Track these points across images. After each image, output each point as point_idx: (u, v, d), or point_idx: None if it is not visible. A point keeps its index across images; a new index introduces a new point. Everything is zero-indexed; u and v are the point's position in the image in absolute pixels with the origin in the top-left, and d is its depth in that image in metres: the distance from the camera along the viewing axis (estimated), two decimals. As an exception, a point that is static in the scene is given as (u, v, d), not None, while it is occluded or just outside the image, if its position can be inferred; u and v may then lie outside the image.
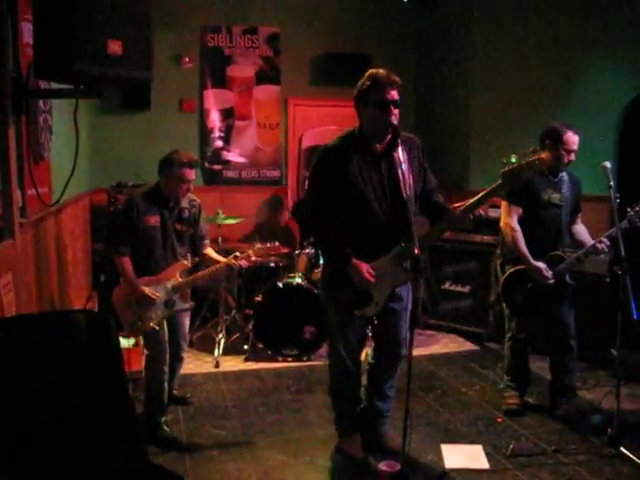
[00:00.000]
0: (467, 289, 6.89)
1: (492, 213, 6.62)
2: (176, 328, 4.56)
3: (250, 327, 6.11)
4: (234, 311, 6.49)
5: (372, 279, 3.70)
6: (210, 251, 4.73)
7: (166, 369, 4.39)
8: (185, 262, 4.50)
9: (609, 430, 4.24)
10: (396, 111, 3.68)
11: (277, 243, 4.80)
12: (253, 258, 4.57)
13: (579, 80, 6.68)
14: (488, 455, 4.13)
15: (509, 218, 4.62)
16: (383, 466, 3.74)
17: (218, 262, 4.60)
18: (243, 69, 7.73)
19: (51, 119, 3.85)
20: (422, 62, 8.34)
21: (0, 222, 2.90)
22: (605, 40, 6.47)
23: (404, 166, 3.65)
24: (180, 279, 4.43)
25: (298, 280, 5.92)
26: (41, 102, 3.47)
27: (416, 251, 3.29)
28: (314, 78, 8.00)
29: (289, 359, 5.90)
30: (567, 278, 4.74)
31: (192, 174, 4.36)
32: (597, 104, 6.51)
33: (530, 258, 4.56)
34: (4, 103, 2.84)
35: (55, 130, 4.22)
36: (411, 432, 3.36)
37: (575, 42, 6.66)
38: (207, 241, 4.73)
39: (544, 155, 4.46)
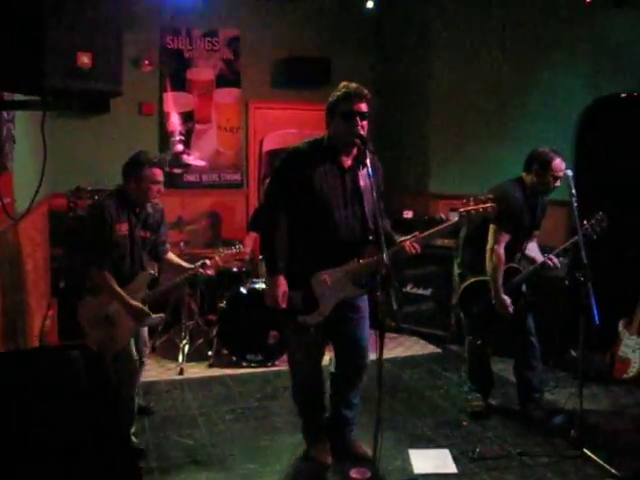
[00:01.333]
0: (428, 292, 6.97)
1: (454, 217, 6.68)
2: (136, 334, 4.37)
3: (214, 333, 6.08)
4: (197, 316, 6.45)
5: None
6: (172, 256, 4.61)
7: (137, 388, 4.31)
8: (151, 272, 4.35)
9: (572, 432, 4.32)
10: (363, 123, 3.70)
11: (241, 246, 4.82)
12: (221, 264, 4.58)
13: (536, 85, 6.77)
14: (455, 459, 4.18)
15: (497, 245, 4.64)
16: (354, 473, 3.77)
17: (181, 266, 4.51)
18: (203, 72, 7.67)
19: (14, 128, 3.78)
20: (382, 66, 8.36)
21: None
22: (561, 44, 6.56)
23: (368, 183, 3.71)
24: (147, 291, 4.28)
25: (262, 285, 5.91)
26: (4, 112, 3.40)
27: (386, 261, 3.31)
28: (275, 81, 7.98)
29: (254, 365, 5.88)
30: (523, 287, 4.84)
31: (161, 174, 4.19)
32: (554, 109, 6.61)
33: (501, 290, 4.64)
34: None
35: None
36: (382, 439, 3.38)
37: (531, 46, 6.75)
38: (168, 245, 4.60)
39: (529, 179, 4.71)
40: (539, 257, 4.87)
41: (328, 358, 4.30)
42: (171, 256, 4.60)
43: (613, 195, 6.37)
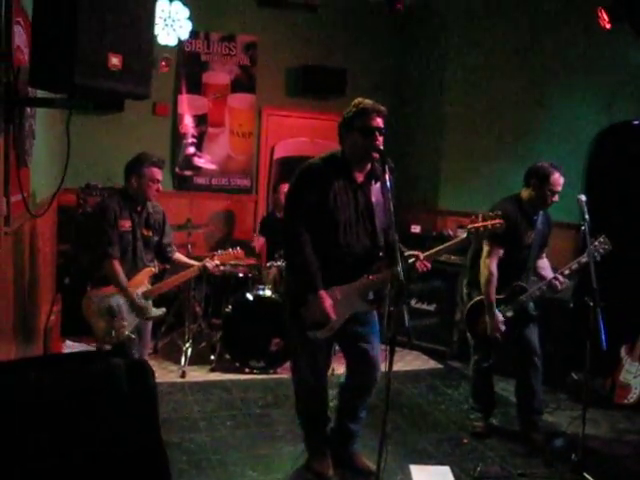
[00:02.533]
0: (432, 307, 6.97)
1: (462, 234, 6.70)
2: (139, 334, 4.55)
3: (217, 337, 6.08)
4: (201, 320, 6.45)
5: (333, 317, 3.72)
6: (179, 255, 4.83)
7: None
8: (152, 268, 4.56)
9: (573, 455, 4.32)
10: (381, 139, 3.72)
11: (239, 249, 5.01)
12: (217, 262, 4.79)
13: (550, 107, 6.79)
14: (456, 477, 4.16)
15: (489, 260, 4.65)
16: (356, 487, 3.76)
17: (188, 265, 4.73)
18: (219, 76, 7.69)
19: (35, 124, 3.79)
20: (398, 79, 8.38)
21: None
22: (578, 69, 6.58)
23: (380, 198, 3.79)
24: (149, 285, 4.49)
25: (268, 292, 5.92)
26: (28, 108, 3.41)
27: (401, 278, 3.32)
28: (289, 89, 8.01)
29: (256, 371, 5.88)
30: (530, 307, 4.82)
31: (160, 174, 4.44)
32: (569, 133, 6.63)
33: (494, 306, 4.65)
34: (-4, 110, 2.79)
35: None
36: (387, 455, 3.37)
37: (548, 69, 6.77)
38: (174, 247, 4.81)
39: (527, 193, 4.72)
40: (549, 275, 4.84)
41: (331, 370, 4.29)
42: (178, 256, 4.82)
43: (619, 221, 6.40)
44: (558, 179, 4.65)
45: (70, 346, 6.03)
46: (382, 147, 3.70)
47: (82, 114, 7.05)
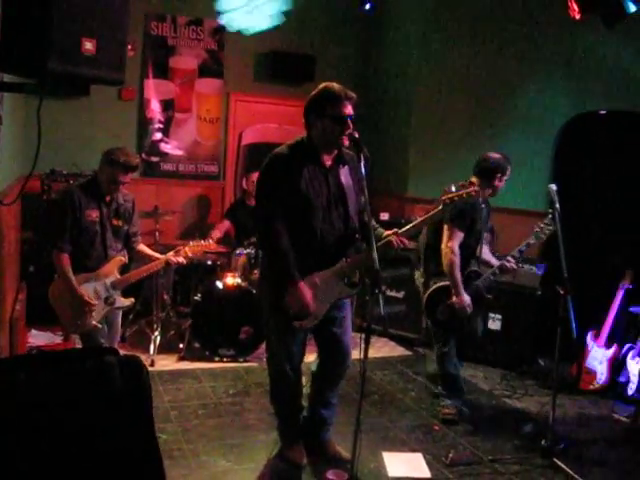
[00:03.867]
0: (401, 294, 6.98)
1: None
2: (109, 324, 4.55)
3: (186, 325, 6.03)
4: (169, 308, 6.38)
5: (313, 308, 3.71)
6: (143, 247, 4.76)
7: None
8: (122, 258, 4.52)
9: (543, 441, 4.39)
10: (351, 125, 3.70)
11: (212, 241, 5.10)
12: (190, 254, 4.75)
13: (519, 96, 6.84)
14: (428, 463, 4.21)
15: (452, 242, 4.69)
16: (330, 475, 3.76)
17: (152, 258, 4.67)
18: (186, 60, 7.57)
19: (2, 109, 3.69)
20: (365, 66, 8.35)
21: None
22: (548, 59, 6.63)
23: (349, 181, 3.82)
24: (118, 275, 4.46)
25: (238, 280, 5.88)
26: (-4, 93, 3.33)
27: (376, 266, 3.32)
28: (258, 75, 7.93)
29: (225, 359, 5.85)
30: (484, 291, 4.90)
31: (126, 177, 4.33)
32: (536, 121, 6.69)
33: (462, 287, 4.70)
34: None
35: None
36: (361, 442, 3.38)
37: (515, 59, 6.81)
38: (139, 237, 4.74)
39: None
40: (494, 261, 4.98)
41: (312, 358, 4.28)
42: (142, 247, 4.76)
43: (587, 208, 6.50)
44: (509, 171, 4.86)
45: (35, 335, 5.94)
46: (356, 134, 3.67)
47: (47, 98, 6.90)
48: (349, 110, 3.69)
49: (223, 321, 5.83)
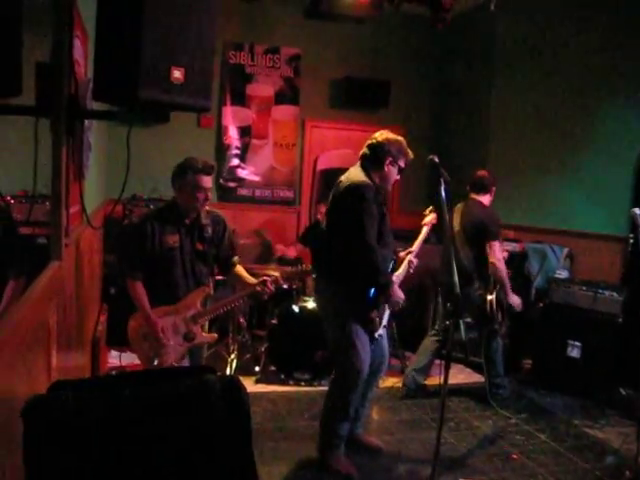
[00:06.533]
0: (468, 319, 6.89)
1: (506, 247, 6.68)
2: (192, 358, 4.20)
3: (262, 349, 6.08)
4: (245, 331, 6.45)
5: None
6: (240, 269, 4.37)
7: None
8: (206, 289, 4.18)
9: (627, 473, 4.25)
10: None
11: (304, 266, 4.68)
12: (282, 283, 4.41)
13: (598, 121, 6.70)
14: (507, 494, 4.12)
15: (499, 253, 5.35)
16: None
17: (245, 282, 4.30)
18: (263, 88, 7.74)
19: (92, 137, 3.83)
20: (441, 91, 8.35)
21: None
22: (625, 84, 6.51)
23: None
24: (200, 308, 4.11)
25: (313, 304, 5.90)
26: (86, 120, 3.45)
27: (456, 291, 3.33)
28: (332, 101, 8.04)
29: (301, 383, 5.87)
30: None
31: (208, 181, 3.99)
32: (617, 145, 6.55)
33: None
34: (59, 123, 2.82)
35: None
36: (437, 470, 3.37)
37: (597, 82, 6.70)
38: (236, 257, 4.36)
39: (489, 199, 5.61)
40: None
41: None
42: (240, 270, 4.37)
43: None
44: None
45: (115, 356, 6.07)
46: (436, 158, 3.97)
47: (128, 125, 7.12)
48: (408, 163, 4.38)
49: (299, 345, 5.86)
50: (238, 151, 7.71)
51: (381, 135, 4.30)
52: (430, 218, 4.82)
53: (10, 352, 1.86)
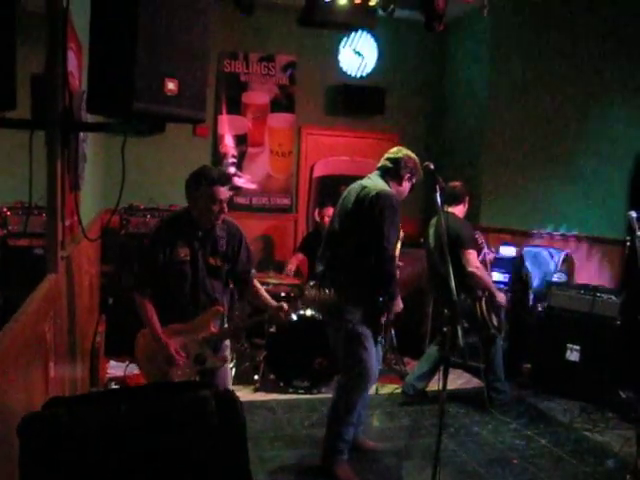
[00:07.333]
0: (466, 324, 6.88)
1: (503, 251, 6.71)
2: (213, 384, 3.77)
3: (261, 357, 6.08)
4: (244, 340, 6.44)
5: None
6: (258, 286, 4.09)
7: None
8: (220, 308, 3.83)
9: (628, 476, 4.24)
10: None
11: (329, 291, 4.27)
12: (300, 308, 4.28)
13: (594, 124, 6.73)
14: (508, 499, 4.12)
15: (476, 261, 5.37)
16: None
17: (264, 302, 4.00)
18: (258, 96, 7.75)
19: (87, 148, 3.84)
20: (436, 95, 8.36)
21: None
22: (620, 87, 6.54)
23: None
24: (213, 329, 3.79)
25: (310, 312, 5.90)
26: (81, 132, 3.46)
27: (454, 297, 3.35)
28: (328, 108, 8.05)
29: (300, 391, 5.87)
30: None
31: (224, 192, 3.68)
32: (612, 148, 6.58)
33: None
34: (53, 135, 2.82)
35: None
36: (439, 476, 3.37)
37: (593, 86, 6.72)
38: (253, 271, 4.07)
39: (463, 210, 5.72)
40: None
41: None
42: (257, 286, 4.08)
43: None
44: None
45: (114, 366, 6.08)
46: (431, 165, 3.93)
47: (122, 136, 7.11)
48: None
49: (297, 353, 5.85)
50: (234, 159, 7.71)
51: (401, 151, 4.46)
52: None
53: (8, 366, 1.86)
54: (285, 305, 3.92)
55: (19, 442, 1.48)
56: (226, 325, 4.02)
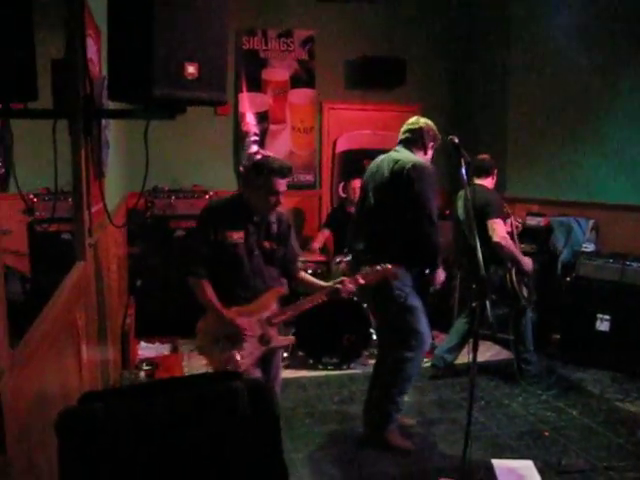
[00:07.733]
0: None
1: (530, 221, 6.64)
2: (268, 367, 3.84)
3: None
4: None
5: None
6: (305, 275, 4.06)
7: None
8: (281, 289, 3.81)
9: (660, 446, 4.23)
10: None
11: (389, 266, 4.00)
12: (362, 281, 3.89)
13: (621, 94, 6.58)
14: (539, 471, 4.09)
15: (502, 231, 5.30)
16: (442, 481, 3.75)
17: (317, 285, 3.91)
18: (278, 72, 7.70)
19: (110, 134, 3.85)
20: (458, 67, 8.26)
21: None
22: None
23: None
24: (276, 309, 3.74)
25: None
26: (104, 119, 3.46)
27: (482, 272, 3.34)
28: (349, 82, 7.97)
29: (329, 367, 5.90)
30: None
31: (283, 184, 3.63)
32: (636, 118, 6.44)
33: None
34: (76, 124, 2.83)
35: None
36: (471, 449, 3.40)
37: (617, 54, 6.58)
38: (299, 263, 4.04)
39: (492, 182, 5.65)
40: None
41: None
42: (304, 275, 4.04)
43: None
44: None
45: (145, 347, 6.14)
46: (456, 139, 3.84)
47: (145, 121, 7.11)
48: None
49: (326, 329, 5.87)
50: (257, 137, 7.69)
51: (419, 120, 4.47)
52: None
53: (44, 353, 1.89)
54: (345, 278, 3.90)
55: (57, 437, 1.50)
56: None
